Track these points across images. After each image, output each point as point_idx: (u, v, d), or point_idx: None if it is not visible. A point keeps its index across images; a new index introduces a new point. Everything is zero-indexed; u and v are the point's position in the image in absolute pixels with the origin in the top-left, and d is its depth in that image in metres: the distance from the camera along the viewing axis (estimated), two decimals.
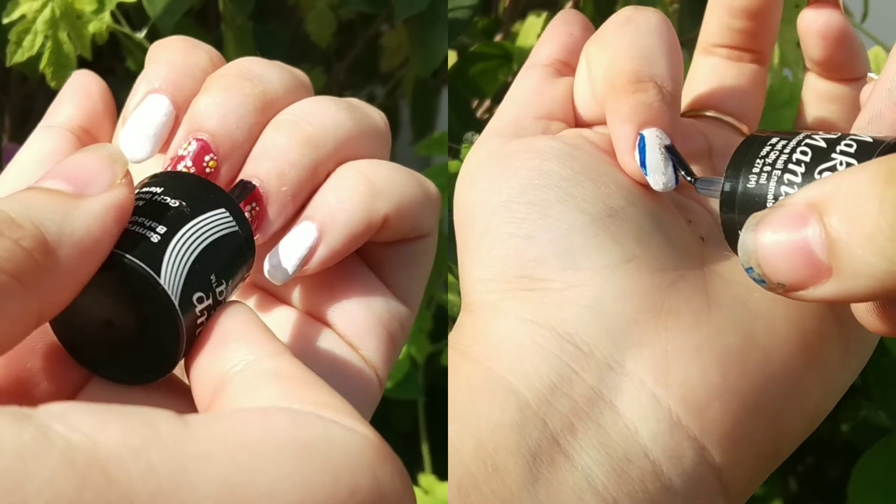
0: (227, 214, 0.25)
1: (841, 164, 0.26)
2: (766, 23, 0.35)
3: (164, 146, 0.29)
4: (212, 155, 0.28)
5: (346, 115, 0.29)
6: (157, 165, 0.28)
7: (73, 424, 0.18)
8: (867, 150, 0.26)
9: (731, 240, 0.28)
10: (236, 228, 0.25)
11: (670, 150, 0.30)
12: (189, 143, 0.28)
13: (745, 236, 0.24)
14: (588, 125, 0.33)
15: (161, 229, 0.24)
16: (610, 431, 0.27)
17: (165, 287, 0.23)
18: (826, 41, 0.33)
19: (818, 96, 0.35)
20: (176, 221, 0.24)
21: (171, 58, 0.29)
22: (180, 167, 0.27)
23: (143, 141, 0.28)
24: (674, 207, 0.32)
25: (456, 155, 0.56)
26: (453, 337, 0.30)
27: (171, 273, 0.24)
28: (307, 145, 0.28)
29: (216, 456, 0.18)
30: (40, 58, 0.51)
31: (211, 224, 0.25)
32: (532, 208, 0.30)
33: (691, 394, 0.27)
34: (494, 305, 0.29)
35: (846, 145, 0.27)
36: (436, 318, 0.65)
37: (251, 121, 0.28)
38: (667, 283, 0.29)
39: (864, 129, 0.28)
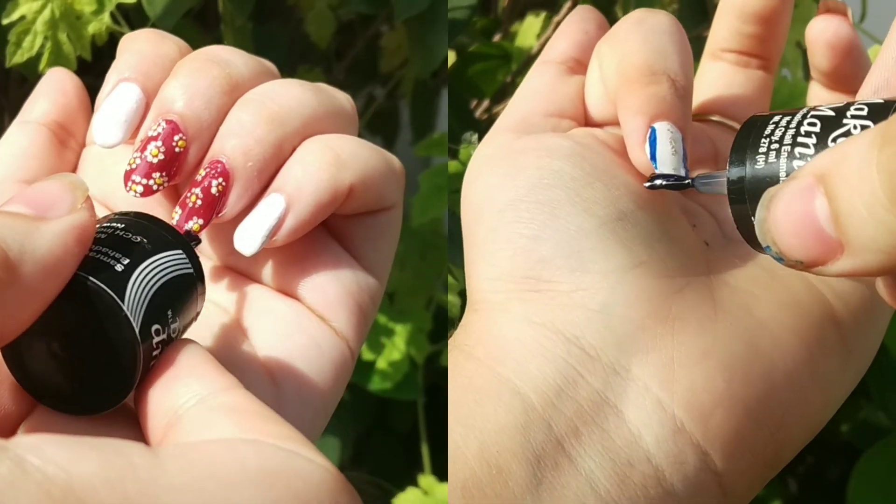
0: (184, 256, 0.26)
1: (855, 127, 0.25)
2: (776, 29, 0.35)
3: (135, 133, 0.29)
4: (181, 135, 0.28)
5: (311, 95, 0.30)
6: (128, 152, 0.29)
7: (48, 457, 0.18)
8: (880, 111, 0.25)
9: (745, 232, 0.27)
10: (191, 270, 0.26)
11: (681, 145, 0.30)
12: (159, 125, 0.28)
13: (759, 213, 0.24)
14: (598, 125, 0.33)
15: (125, 260, 0.24)
16: (614, 436, 0.27)
17: (128, 314, 0.24)
18: (834, 52, 0.33)
19: None
20: (138, 255, 0.25)
21: (140, 48, 0.30)
22: (151, 147, 0.28)
23: (114, 127, 0.29)
24: (679, 211, 0.32)
25: (455, 155, 0.56)
26: (458, 336, 0.30)
27: (135, 301, 0.24)
28: (272, 122, 0.29)
29: (188, 487, 0.19)
30: (40, 58, 0.50)
31: (169, 263, 0.25)
32: (541, 208, 0.29)
33: (696, 400, 0.27)
34: (500, 306, 0.29)
35: (857, 109, 0.25)
36: (436, 319, 0.65)
37: (218, 102, 0.29)
38: (674, 290, 0.29)
39: (870, 97, 0.27)
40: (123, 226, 0.26)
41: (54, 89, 0.31)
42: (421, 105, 0.73)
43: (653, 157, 0.30)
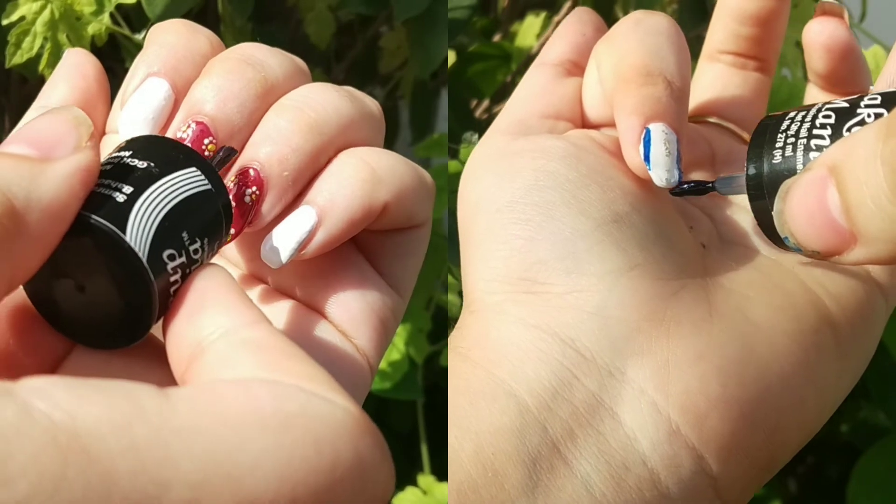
0: (199, 173, 0.25)
1: (869, 116, 0.25)
2: (773, 30, 0.35)
3: (162, 130, 0.29)
4: (211, 138, 0.28)
5: (347, 102, 0.29)
6: None
7: (55, 401, 0.17)
8: (894, 99, 0.25)
9: (766, 227, 0.27)
10: (209, 186, 0.25)
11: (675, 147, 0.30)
12: (188, 126, 0.28)
13: (777, 205, 0.24)
14: (596, 127, 0.33)
15: (127, 189, 0.24)
16: (609, 439, 0.27)
17: (132, 244, 0.23)
18: (830, 54, 0.33)
19: None
20: (143, 181, 0.24)
21: (171, 41, 0.29)
22: None
23: (141, 124, 0.28)
24: (676, 213, 0.32)
25: (455, 155, 0.56)
26: (454, 338, 0.30)
27: (138, 231, 0.23)
28: (311, 131, 0.28)
29: (199, 431, 0.18)
30: (40, 59, 0.50)
31: (181, 182, 0.25)
32: (536, 210, 0.29)
33: (691, 403, 0.27)
34: (496, 307, 0.29)
35: (870, 99, 0.26)
36: (435, 319, 0.65)
37: (252, 106, 0.28)
38: (669, 292, 0.29)
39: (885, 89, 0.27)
40: (130, 152, 0.25)
41: (74, 73, 0.30)
42: (420, 105, 0.73)
43: (646, 158, 0.30)
